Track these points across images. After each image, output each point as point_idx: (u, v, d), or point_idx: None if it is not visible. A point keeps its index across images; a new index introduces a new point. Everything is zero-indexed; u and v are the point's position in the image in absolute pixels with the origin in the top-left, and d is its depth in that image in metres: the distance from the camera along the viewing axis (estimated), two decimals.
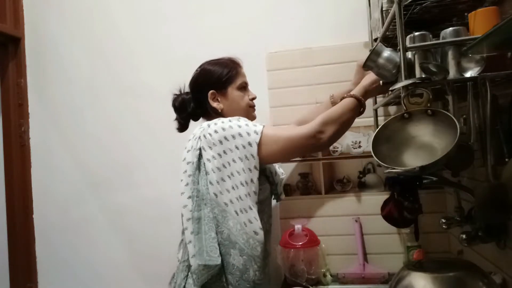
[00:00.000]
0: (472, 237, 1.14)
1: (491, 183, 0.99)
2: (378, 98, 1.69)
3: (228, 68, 1.42)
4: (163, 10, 2.01)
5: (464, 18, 1.14)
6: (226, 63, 1.43)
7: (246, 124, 1.27)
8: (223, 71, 1.41)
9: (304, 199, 1.85)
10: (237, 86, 1.42)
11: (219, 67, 1.42)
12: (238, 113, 1.39)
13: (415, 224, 1.44)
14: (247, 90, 1.46)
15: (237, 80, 1.42)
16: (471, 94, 1.04)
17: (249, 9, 1.93)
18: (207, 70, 1.43)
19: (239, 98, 1.42)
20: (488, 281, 1.02)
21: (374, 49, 1.22)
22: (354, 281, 1.70)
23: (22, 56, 2.14)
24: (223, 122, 1.27)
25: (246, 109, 1.43)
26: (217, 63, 1.43)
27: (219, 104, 1.40)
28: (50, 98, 2.12)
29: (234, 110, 1.40)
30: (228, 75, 1.41)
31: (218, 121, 1.28)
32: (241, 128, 1.25)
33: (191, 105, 1.45)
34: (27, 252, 2.09)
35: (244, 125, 1.26)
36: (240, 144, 1.24)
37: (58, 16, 2.13)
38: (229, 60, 1.44)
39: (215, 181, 1.24)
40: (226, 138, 1.24)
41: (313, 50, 1.85)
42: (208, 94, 1.40)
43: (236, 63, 1.45)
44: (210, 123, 1.29)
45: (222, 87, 1.40)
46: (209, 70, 1.42)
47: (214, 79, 1.41)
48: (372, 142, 1.05)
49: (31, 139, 2.14)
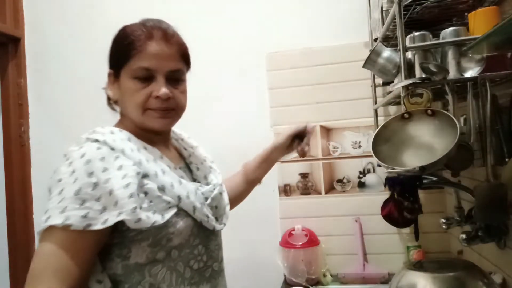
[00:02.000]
0: (472, 237, 1.14)
1: (491, 183, 0.99)
2: (378, 98, 1.69)
3: (128, 39, 0.88)
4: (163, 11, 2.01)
5: (464, 18, 1.14)
6: (132, 30, 0.89)
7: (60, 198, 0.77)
8: (121, 42, 0.90)
9: (304, 199, 1.85)
10: (129, 72, 0.88)
11: (123, 35, 0.91)
12: (132, 118, 0.91)
13: (415, 224, 1.44)
14: (152, 83, 0.88)
15: (133, 61, 0.87)
16: (471, 94, 1.04)
17: (249, 9, 1.93)
18: (115, 36, 0.93)
19: (130, 92, 0.88)
20: (488, 281, 1.02)
21: (374, 49, 1.22)
22: (354, 281, 1.70)
23: (22, 56, 2.14)
24: (58, 174, 0.80)
25: (139, 110, 0.88)
26: (123, 29, 0.92)
27: (113, 92, 0.93)
28: (50, 98, 2.12)
29: (127, 108, 0.91)
30: (121, 51, 0.89)
31: (62, 164, 0.81)
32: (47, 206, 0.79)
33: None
34: (27, 252, 2.08)
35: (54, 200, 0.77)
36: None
37: (58, 16, 2.13)
38: (141, 26, 0.90)
39: None
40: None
41: (313, 50, 1.85)
42: (107, 73, 0.94)
43: (147, 32, 0.88)
44: (61, 162, 0.82)
45: (116, 66, 0.91)
46: (115, 36, 0.93)
47: (111, 53, 0.93)
48: (372, 142, 1.05)
49: (31, 139, 2.14)
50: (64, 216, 0.75)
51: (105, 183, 0.77)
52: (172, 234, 0.83)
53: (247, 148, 1.92)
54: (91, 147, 0.81)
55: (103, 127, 0.87)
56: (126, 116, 0.92)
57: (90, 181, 0.77)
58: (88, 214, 0.76)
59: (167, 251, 0.84)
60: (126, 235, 0.81)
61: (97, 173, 0.77)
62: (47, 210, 0.78)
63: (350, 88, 1.80)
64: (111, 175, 0.78)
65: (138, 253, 0.82)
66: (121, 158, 0.81)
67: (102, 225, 0.76)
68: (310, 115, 1.84)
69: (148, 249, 0.82)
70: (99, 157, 0.79)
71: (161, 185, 0.83)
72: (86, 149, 0.80)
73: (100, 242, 0.81)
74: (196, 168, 1.02)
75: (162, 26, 0.91)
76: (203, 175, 1.01)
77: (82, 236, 0.77)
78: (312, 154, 1.85)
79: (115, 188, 0.77)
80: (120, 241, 0.81)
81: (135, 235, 0.80)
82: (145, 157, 0.85)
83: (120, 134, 0.86)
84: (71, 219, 0.75)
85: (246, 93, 1.91)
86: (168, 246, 0.84)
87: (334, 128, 1.83)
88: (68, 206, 0.76)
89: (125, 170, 0.79)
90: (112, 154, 0.81)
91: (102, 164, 0.78)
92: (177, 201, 0.85)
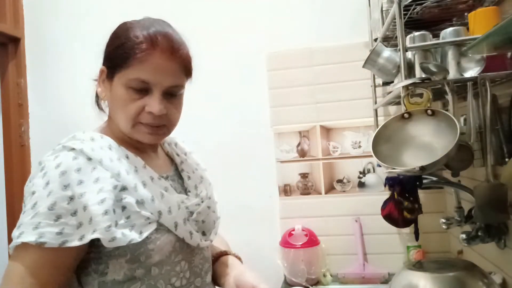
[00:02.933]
0: (472, 237, 1.14)
1: (491, 183, 0.99)
2: (378, 98, 1.69)
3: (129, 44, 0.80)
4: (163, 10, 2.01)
5: (464, 18, 1.15)
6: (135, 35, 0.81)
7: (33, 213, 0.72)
8: (121, 45, 0.82)
9: (304, 199, 1.85)
10: (123, 80, 0.81)
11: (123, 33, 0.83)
12: (120, 124, 0.84)
13: (415, 224, 1.44)
14: (147, 97, 0.82)
15: (131, 70, 0.80)
16: (471, 94, 1.04)
17: (249, 9, 1.93)
18: (114, 32, 0.87)
19: (121, 101, 0.82)
20: (488, 281, 1.02)
21: (374, 49, 1.22)
22: (354, 281, 1.70)
23: (22, 56, 2.14)
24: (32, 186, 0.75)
25: (129, 123, 0.83)
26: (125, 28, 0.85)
27: (103, 90, 0.87)
28: (50, 98, 2.12)
29: (116, 115, 0.85)
30: (119, 54, 0.81)
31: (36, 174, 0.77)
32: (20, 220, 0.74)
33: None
34: None
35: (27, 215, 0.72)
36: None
37: (58, 16, 2.13)
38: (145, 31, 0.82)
39: None
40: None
41: (313, 50, 1.85)
42: (100, 69, 0.87)
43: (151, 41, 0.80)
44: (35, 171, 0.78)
45: (110, 67, 0.84)
46: (114, 33, 0.87)
47: (107, 51, 0.86)
48: (372, 142, 1.05)
49: (31, 139, 2.14)
50: (37, 233, 0.70)
51: (80, 198, 0.72)
52: (152, 251, 0.78)
53: (247, 148, 1.94)
54: (67, 156, 0.75)
55: (84, 132, 0.83)
56: (114, 121, 0.86)
57: (66, 195, 0.71)
58: (63, 230, 0.70)
59: (147, 268, 0.78)
60: (102, 250, 0.76)
61: (73, 185, 0.72)
62: (19, 224, 0.72)
63: (350, 88, 1.80)
64: (86, 189, 0.73)
65: (115, 270, 0.77)
66: (98, 170, 0.76)
67: (79, 241, 0.71)
68: (310, 115, 1.84)
69: (126, 266, 0.77)
70: (74, 168, 0.74)
71: (141, 199, 0.78)
72: (62, 159, 0.75)
73: (78, 257, 0.76)
74: (188, 177, 0.96)
75: (168, 35, 0.82)
76: (194, 185, 0.95)
77: (58, 254, 0.72)
78: (312, 154, 1.85)
79: (90, 204, 0.72)
80: (97, 256, 0.77)
81: (112, 251, 0.76)
82: (125, 168, 0.79)
83: (101, 142, 0.81)
84: (45, 237, 0.70)
85: (246, 93, 1.91)
86: (148, 263, 0.78)
87: (334, 128, 1.83)
88: (42, 222, 0.70)
89: (101, 184, 0.74)
90: (89, 165, 0.75)
91: (78, 176, 0.73)
92: (157, 217, 0.79)
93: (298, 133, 1.86)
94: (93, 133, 0.84)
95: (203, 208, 0.90)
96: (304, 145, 1.86)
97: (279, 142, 1.88)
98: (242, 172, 1.88)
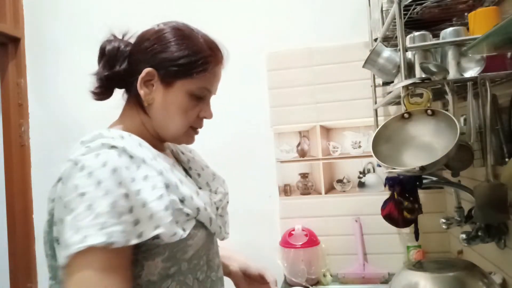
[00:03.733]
0: (472, 237, 1.14)
1: (491, 183, 0.99)
2: (378, 98, 1.69)
3: (199, 54, 0.84)
4: (163, 10, 2.01)
5: (464, 18, 1.15)
6: (204, 45, 0.86)
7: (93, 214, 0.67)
8: (192, 50, 0.84)
9: (304, 199, 1.85)
10: (189, 87, 0.84)
11: (192, 41, 0.86)
12: (165, 130, 0.87)
13: (415, 224, 1.44)
14: (202, 103, 0.88)
15: (197, 80, 0.84)
16: (471, 94, 1.04)
17: (249, 9, 1.93)
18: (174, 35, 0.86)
19: (179, 109, 0.85)
20: (488, 281, 1.02)
21: (374, 49, 1.22)
22: (354, 281, 1.70)
23: (22, 56, 2.14)
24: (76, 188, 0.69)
25: (184, 128, 0.87)
26: (191, 35, 0.87)
27: (149, 93, 0.85)
28: (50, 98, 2.12)
29: (161, 119, 0.86)
30: (191, 62, 0.84)
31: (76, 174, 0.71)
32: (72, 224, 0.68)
33: (124, 63, 0.88)
34: (27, 252, 2.08)
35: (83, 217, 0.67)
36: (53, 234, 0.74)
37: (58, 16, 2.13)
38: (211, 44, 0.89)
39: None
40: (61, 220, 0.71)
41: (313, 50, 1.85)
42: (144, 71, 0.84)
43: (215, 55, 0.88)
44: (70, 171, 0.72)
45: (171, 73, 0.84)
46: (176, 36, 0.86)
47: (169, 55, 0.84)
48: (372, 142, 1.05)
49: (31, 139, 2.14)
50: (105, 233, 0.66)
51: (136, 195, 0.70)
52: (189, 246, 0.79)
53: (247, 148, 1.94)
54: (110, 154, 0.72)
55: (109, 131, 0.80)
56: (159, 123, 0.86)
57: (121, 192, 0.69)
58: (125, 228, 0.68)
59: (179, 265, 0.79)
60: (138, 252, 0.74)
61: (126, 183, 0.70)
62: (78, 229, 0.66)
63: (350, 88, 1.80)
64: (140, 186, 0.71)
65: (150, 270, 0.76)
66: (143, 168, 0.74)
67: (138, 239, 0.69)
68: (310, 115, 1.85)
69: (161, 265, 0.77)
70: (124, 166, 0.71)
71: (182, 197, 0.78)
72: (107, 157, 0.72)
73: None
74: (197, 175, 0.97)
75: (221, 46, 0.92)
76: (205, 182, 0.97)
77: (123, 254, 0.69)
78: (312, 154, 1.85)
79: (149, 201, 0.71)
80: (133, 258, 0.74)
81: (150, 250, 0.75)
82: (163, 166, 0.79)
83: (130, 140, 0.79)
84: (114, 236, 0.66)
85: (246, 93, 1.91)
86: (182, 259, 0.79)
87: (334, 128, 1.83)
88: (107, 221, 0.66)
89: (152, 181, 0.74)
90: (133, 163, 0.74)
91: (129, 174, 0.71)
92: (196, 213, 0.81)
93: (298, 133, 1.86)
94: (119, 131, 0.80)
95: (224, 204, 0.95)
96: (304, 145, 1.86)
97: (279, 142, 1.88)
98: (242, 172, 1.88)
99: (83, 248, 0.65)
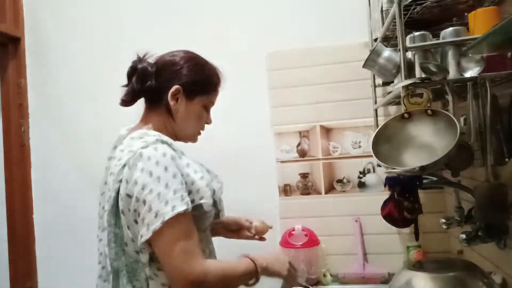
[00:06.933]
0: (472, 237, 1.14)
1: (491, 183, 0.99)
2: (378, 98, 1.69)
3: (212, 78, 1.18)
4: (164, 10, 2.01)
5: (464, 18, 1.14)
6: (214, 71, 1.19)
7: (172, 190, 0.95)
8: (207, 75, 1.16)
9: (304, 199, 1.85)
10: (204, 102, 1.16)
11: (207, 69, 1.17)
12: (184, 132, 1.16)
13: (415, 224, 1.44)
14: (208, 113, 1.20)
15: (210, 96, 1.17)
16: (471, 94, 1.04)
17: (249, 9, 1.93)
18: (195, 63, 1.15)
19: (196, 117, 1.16)
20: (488, 281, 1.02)
21: (374, 49, 1.22)
22: (354, 281, 1.70)
23: (22, 56, 2.14)
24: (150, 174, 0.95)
25: (196, 132, 1.19)
26: (206, 64, 1.18)
27: (175, 104, 1.11)
28: (50, 98, 2.12)
29: (183, 124, 1.14)
30: (207, 83, 1.16)
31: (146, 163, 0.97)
32: (158, 199, 0.94)
33: (153, 80, 1.12)
34: (27, 252, 2.08)
35: (166, 193, 0.94)
36: (140, 216, 0.97)
37: (58, 16, 2.13)
38: (217, 71, 1.21)
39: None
40: (138, 199, 0.96)
41: (313, 50, 1.85)
42: (173, 87, 1.10)
43: (220, 79, 1.21)
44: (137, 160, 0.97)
45: (193, 90, 1.13)
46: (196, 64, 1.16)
47: (192, 78, 1.13)
48: (372, 142, 1.05)
49: (31, 139, 2.14)
50: (185, 203, 0.95)
51: (187, 176, 1.00)
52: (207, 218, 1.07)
53: (247, 148, 1.94)
54: (165, 147, 1.00)
55: (149, 130, 1.07)
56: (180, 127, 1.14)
57: (181, 173, 0.98)
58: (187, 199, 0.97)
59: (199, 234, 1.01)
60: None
61: (180, 167, 0.99)
62: (166, 201, 0.93)
63: (350, 88, 1.80)
64: (188, 170, 1.01)
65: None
66: (184, 158, 1.05)
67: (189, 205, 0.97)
68: (310, 115, 1.85)
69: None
70: (176, 156, 1.01)
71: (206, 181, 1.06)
72: (164, 149, 0.99)
73: None
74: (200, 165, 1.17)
75: (222, 73, 1.22)
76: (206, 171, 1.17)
77: (190, 217, 0.97)
78: (312, 154, 1.85)
79: (196, 179, 1.01)
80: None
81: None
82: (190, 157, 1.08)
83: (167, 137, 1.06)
84: (188, 205, 0.95)
85: (246, 93, 1.91)
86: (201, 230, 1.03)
87: (334, 128, 1.83)
88: (183, 194, 0.96)
89: (193, 167, 1.04)
90: (177, 155, 1.02)
91: (180, 161, 1.01)
92: (213, 193, 1.06)
93: (298, 133, 1.86)
94: (156, 132, 1.06)
95: (222, 190, 1.17)
96: (304, 145, 1.86)
97: (279, 142, 1.88)
98: (242, 172, 1.88)
99: (174, 215, 0.92)
